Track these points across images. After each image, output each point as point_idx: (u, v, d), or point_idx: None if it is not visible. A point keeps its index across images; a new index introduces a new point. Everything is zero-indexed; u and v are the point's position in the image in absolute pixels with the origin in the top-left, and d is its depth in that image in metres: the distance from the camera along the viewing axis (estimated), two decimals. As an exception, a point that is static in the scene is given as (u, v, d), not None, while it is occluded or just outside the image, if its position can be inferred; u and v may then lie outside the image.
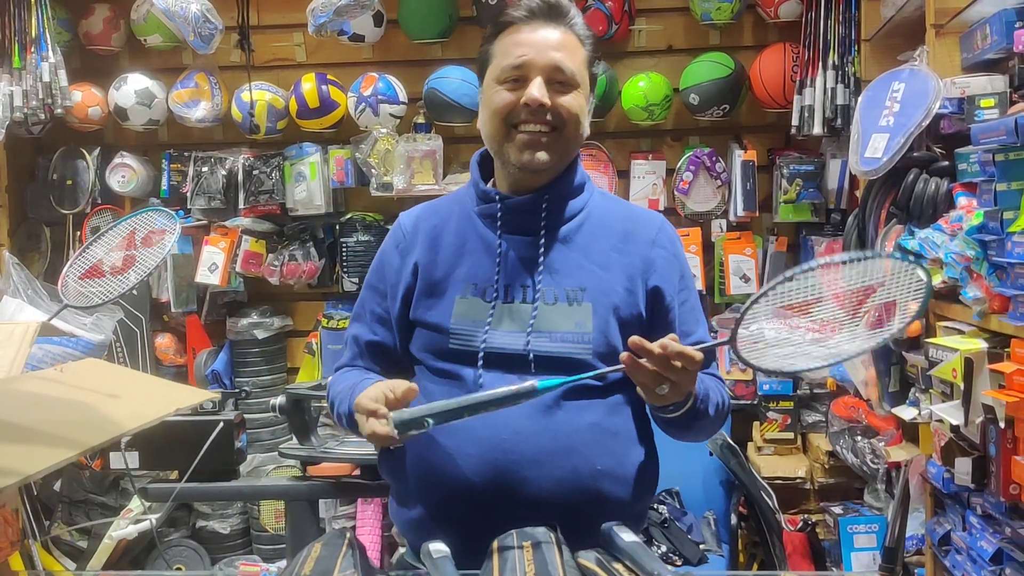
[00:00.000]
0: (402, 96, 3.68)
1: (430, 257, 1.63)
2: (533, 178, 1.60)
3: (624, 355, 1.36)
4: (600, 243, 1.62)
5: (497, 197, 1.61)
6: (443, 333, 1.58)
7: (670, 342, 1.34)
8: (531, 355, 1.53)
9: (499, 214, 1.61)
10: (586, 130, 1.63)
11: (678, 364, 1.34)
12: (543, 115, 1.54)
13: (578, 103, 1.57)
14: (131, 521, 3.37)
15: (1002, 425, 1.87)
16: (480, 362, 1.54)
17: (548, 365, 1.51)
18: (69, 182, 3.88)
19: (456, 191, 1.77)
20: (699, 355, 1.35)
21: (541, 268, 1.57)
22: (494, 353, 1.55)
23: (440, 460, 1.53)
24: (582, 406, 1.53)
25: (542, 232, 1.60)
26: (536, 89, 1.52)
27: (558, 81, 1.55)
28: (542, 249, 1.59)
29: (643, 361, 1.35)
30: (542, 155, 1.56)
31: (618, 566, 1.25)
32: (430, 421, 1.37)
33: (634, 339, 1.35)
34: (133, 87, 3.75)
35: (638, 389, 1.41)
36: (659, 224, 1.68)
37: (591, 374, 1.45)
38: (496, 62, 1.59)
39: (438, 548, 1.33)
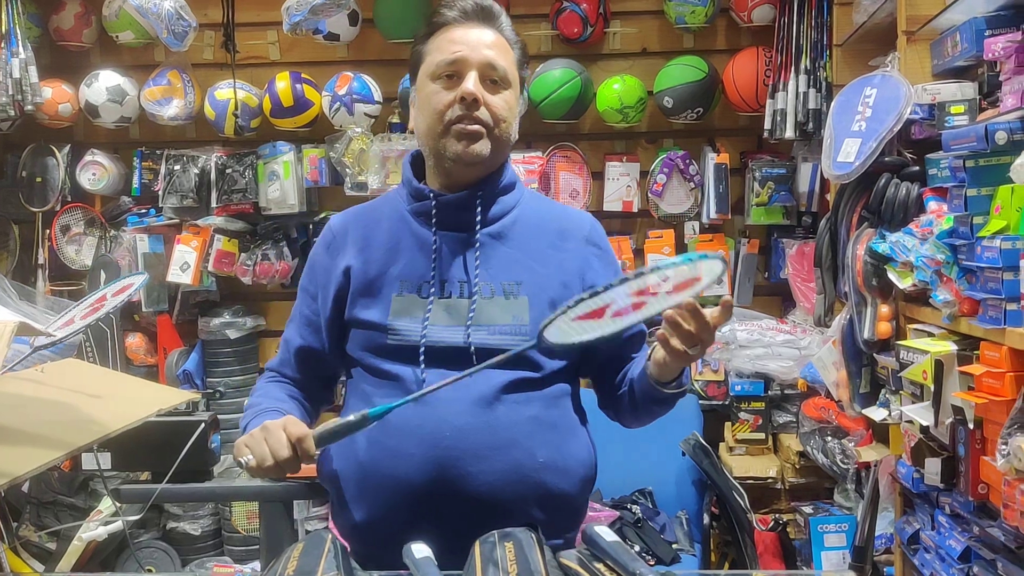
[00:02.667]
0: (377, 96, 3.67)
1: (363, 258, 1.63)
2: (467, 172, 1.61)
3: (659, 333, 1.40)
4: (535, 240, 1.64)
5: (431, 194, 1.62)
6: (381, 330, 1.58)
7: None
8: (472, 347, 1.54)
9: (433, 211, 1.62)
10: (515, 134, 1.65)
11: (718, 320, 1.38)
12: (476, 110, 1.56)
13: (508, 104, 1.60)
14: (101, 522, 3.34)
15: (971, 426, 1.91)
16: (421, 357, 1.54)
17: (489, 358, 1.50)
18: (39, 180, 3.83)
19: (385, 193, 1.78)
20: (731, 301, 1.39)
21: (478, 263, 1.59)
22: (434, 348, 1.55)
23: (383, 461, 1.52)
24: (521, 399, 1.55)
25: (477, 227, 1.61)
26: (471, 83, 1.55)
27: (491, 79, 1.58)
28: (478, 244, 1.60)
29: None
30: (478, 147, 1.58)
31: (600, 566, 1.26)
32: (343, 430, 1.38)
33: (690, 302, 1.34)
34: (104, 84, 3.71)
35: (658, 358, 1.47)
36: (591, 223, 1.73)
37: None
38: (430, 59, 1.61)
39: (420, 549, 1.33)
